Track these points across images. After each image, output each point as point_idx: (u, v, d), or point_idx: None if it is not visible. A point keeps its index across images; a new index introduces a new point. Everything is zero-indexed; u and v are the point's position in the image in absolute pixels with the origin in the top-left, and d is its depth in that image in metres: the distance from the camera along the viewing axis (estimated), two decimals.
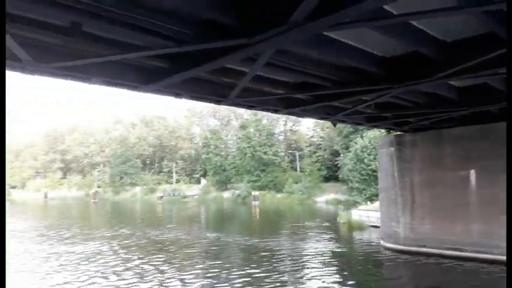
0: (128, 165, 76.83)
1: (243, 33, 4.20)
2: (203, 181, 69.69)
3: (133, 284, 10.53)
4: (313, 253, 14.46)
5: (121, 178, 76.80)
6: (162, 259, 13.82)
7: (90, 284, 10.82)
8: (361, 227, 19.88)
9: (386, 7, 4.67)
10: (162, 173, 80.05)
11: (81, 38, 4.66)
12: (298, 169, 59.27)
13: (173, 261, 13.55)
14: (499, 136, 10.23)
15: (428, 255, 12.08)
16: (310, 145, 63.66)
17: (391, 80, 6.54)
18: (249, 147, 57.68)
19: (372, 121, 10.92)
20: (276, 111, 8.97)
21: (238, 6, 4.12)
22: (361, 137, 38.22)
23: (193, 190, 66.67)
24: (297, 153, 62.01)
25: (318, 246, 15.78)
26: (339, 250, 15.04)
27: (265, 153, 57.60)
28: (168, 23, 4.39)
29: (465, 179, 11.46)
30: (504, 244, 9.33)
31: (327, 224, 23.30)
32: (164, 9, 4.19)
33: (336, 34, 5.53)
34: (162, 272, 11.91)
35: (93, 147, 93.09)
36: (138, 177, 74.99)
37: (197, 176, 75.78)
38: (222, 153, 65.12)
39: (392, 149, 13.34)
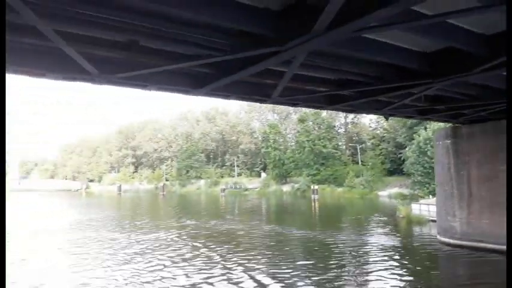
0: (193, 159, 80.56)
1: (274, 41, 4.67)
2: (263, 174, 70.98)
3: (202, 270, 11.34)
4: (366, 247, 14.50)
5: (187, 172, 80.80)
6: (227, 248, 14.63)
7: (162, 268, 11.86)
8: (420, 221, 19.32)
9: (415, 8, 4.84)
10: (224, 167, 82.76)
11: (138, 52, 5.46)
12: (359, 162, 58.02)
13: (237, 250, 14.26)
14: None
15: (486, 250, 11.58)
16: (373, 137, 61.83)
17: (432, 74, 6.57)
18: (307, 140, 57.58)
19: (424, 114, 10.71)
20: (320, 108, 9.27)
21: (269, 19, 4.58)
22: (425, 128, 36.53)
23: (254, 183, 68.24)
24: (359, 146, 60.64)
25: (371, 240, 15.74)
26: (391, 244, 14.90)
27: (324, 146, 57.12)
28: (212, 36, 4.99)
29: None
30: None
31: (385, 218, 22.88)
32: (208, 24, 4.78)
33: (370, 34, 5.75)
34: (227, 260, 12.66)
35: (162, 143, 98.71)
36: (203, 171, 78.28)
37: (258, 169, 77.27)
38: (281, 147, 65.64)
39: (448, 141, 12.89)
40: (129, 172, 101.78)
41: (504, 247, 11.26)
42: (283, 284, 9.88)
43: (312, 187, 49.08)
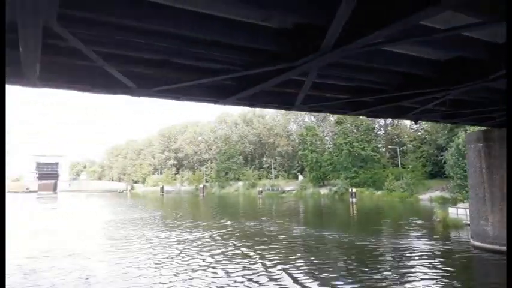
0: (231, 161, 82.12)
1: (287, 58, 5.21)
2: (300, 177, 71.00)
3: (240, 270, 11.85)
4: (398, 252, 14.53)
5: (226, 173, 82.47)
6: (265, 250, 14.96)
7: (203, 265, 12.58)
8: (456, 225, 18.90)
9: (423, 22, 5.18)
10: (262, 169, 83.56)
11: (170, 68, 6.19)
12: (399, 165, 56.66)
13: (274, 252, 14.55)
14: None
15: None
16: (415, 139, 60.05)
17: (447, 82, 6.80)
18: (345, 143, 57.07)
19: (450, 118, 10.72)
20: (344, 113, 9.61)
21: (282, 38, 5.11)
22: (465, 131, 35.31)
23: (291, 185, 68.46)
24: (399, 149, 59.22)
25: (403, 243, 15.71)
26: (422, 247, 14.82)
27: (363, 149, 56.37)
28: (232, 54, 5.60)
29: None
30: None
31: (421, 222, 22.51)
32: (229, 44, 5.39)
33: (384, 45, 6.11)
34: (266, 259, 13.09)
35: (202, 145, 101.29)
36: (241, 173, 79.50)
37: (295, 171, 77.35)
38: (318, 149, 65.35)
39: (480, 144, 12.71)
40: (171, 174, 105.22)
41: None
42: (318, 282, 10.20)
43: (350, 190, 48.66)
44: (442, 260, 12.75)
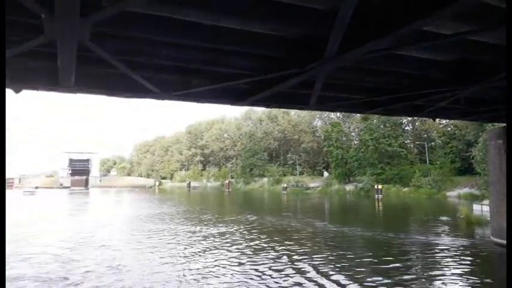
0: (256, 158, 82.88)
1: (294, 64, 5.64)
2: (326, 173, 70.79)
3: (266, 263, 12.18)
4: (416, 247, 14.65)
5: (250, 170, 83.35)
6: (291, 245, 15.30)
7: (230, 256, 13.18)
8: (480, 222, 18.69)
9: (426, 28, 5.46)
10: (287, 165, 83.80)
11: (190, 74, 6.75)
12: (427, 161, 55.54)
13: (301, 247, 14.84)
14: None
15: None
16: (443, 135, 58.55)
17: (454, 82, 7.02)
18: (371, 139, 56.47)
19: (467, 115, 10.78)
20: (360, 112, 9.91)
21: (291, 46, 5.54)
22: (493, 125, 34.38)
23: (316, 182, 68.42)
24: (427, 144, 58.00)
25: (422, 240, 15.79)
26: (441, 243, 14.88)
27: (389, 145, 55.64)
28: (245, 60, 6.10)
29: None
30: None
31: (445, 218, 22.30)
32: (241, 52, 5.87)
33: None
34: (293, 252, 13.55)
35: (227, 142, 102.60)
36: (265, 169, 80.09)
37: (320, 168, 77.16)
38: (344, 145, 64.90)
39: (501, 141, 12.62)
40: (198, 170, 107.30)
41: None
42: (344, 276, 10.50)
43: (375, 186, 48.28)
44: (461, 256, 12.82)
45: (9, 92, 6.52)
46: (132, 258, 13.01)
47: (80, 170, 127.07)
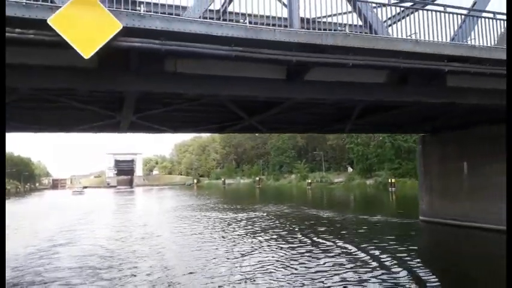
0: (284, 155, 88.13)
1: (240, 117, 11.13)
2: (350, 169, 74.78)
3: (297, 247, 13.84)
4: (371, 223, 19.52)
5: (280, 167, 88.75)
6: (313, 230, 17.99)
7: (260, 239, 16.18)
8: None
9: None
10: (314, 162, 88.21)
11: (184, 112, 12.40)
12: None
13: (321, 230, 17.76)
14: (482, 138, 13.97)
15: (439, 224, 16.18)
16: None
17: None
18: (388, 136, 59.99)
19: (392, 129, 15.68)
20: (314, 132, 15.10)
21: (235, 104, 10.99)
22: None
23: (340, 177, 72.56)
24: None
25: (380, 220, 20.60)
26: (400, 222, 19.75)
27: (405, 141, 58.94)
28: (213, 112, 11.64)
29: (460, 169, 14.97)
30: (484, 217, 13.45)
31: None
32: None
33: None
34: (321, 237, 15.76)
35: (258, 140, 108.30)
36: (293, 166, 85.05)
37: (345, 164, 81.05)
38: (364, 142, 68.51)
39: (420, 146, 17.51)
40: (232, 167, 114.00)
41: (443, 220, 15.71)
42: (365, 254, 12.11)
43: (389, 180, 52.19)
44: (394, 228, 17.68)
45: None
46: (171, 241, 18.63)
47: (125, 170, 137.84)
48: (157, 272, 10.42)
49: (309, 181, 69.79)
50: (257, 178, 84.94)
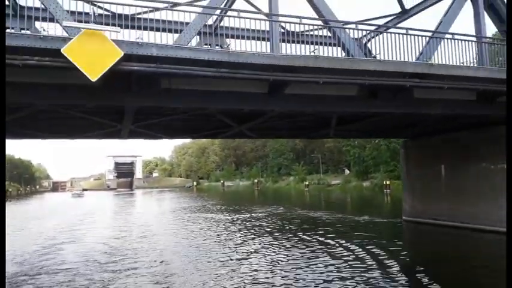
0: (283, 157, 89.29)
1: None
2: (347, 171, 75.86)
3: (296, 243, 14.87)
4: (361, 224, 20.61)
5: (278, 169, 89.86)
6: (299, 227, 19.49)
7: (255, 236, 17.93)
8: None
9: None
10: (312, 164, 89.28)
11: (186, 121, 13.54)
12: None
13: (306, 227, 19.21)
14: (457, 144, 15.13)
15: (419, 223, 17.36)
16: None
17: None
18: (383, 139, 61.09)
19: (372, 135, 16.78)
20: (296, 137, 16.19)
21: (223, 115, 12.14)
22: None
23: (337, 179, 73.61)
24: None
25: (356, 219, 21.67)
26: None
27: (399, 144, 60.04)
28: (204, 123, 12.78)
29: (438, 172, 16.09)
30: (463, 218, 14.63)
31: None
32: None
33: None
34: (306, 234, 16.95)
35: (257, 143, 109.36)
36: (292, 168, 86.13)
37: (342, 166, 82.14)
38: (360, 145, 69.60)
39: (403, 150, 18.62)
40: (231, 170, 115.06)
41: (423, 220, 16.82)
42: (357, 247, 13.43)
43: (384, 182, 53.30)
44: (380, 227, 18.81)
45: None
46: (172, 241, 19.80)
47: (125, 172, 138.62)
48: (157, 266, 11.57)
49: (307, 183, 70.83)
50: (256, 180, 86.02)
